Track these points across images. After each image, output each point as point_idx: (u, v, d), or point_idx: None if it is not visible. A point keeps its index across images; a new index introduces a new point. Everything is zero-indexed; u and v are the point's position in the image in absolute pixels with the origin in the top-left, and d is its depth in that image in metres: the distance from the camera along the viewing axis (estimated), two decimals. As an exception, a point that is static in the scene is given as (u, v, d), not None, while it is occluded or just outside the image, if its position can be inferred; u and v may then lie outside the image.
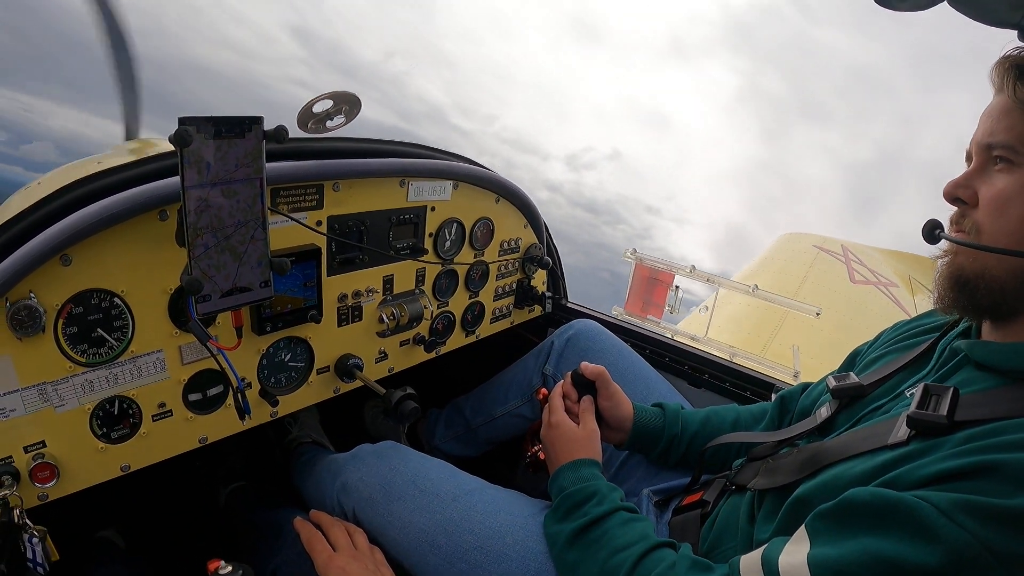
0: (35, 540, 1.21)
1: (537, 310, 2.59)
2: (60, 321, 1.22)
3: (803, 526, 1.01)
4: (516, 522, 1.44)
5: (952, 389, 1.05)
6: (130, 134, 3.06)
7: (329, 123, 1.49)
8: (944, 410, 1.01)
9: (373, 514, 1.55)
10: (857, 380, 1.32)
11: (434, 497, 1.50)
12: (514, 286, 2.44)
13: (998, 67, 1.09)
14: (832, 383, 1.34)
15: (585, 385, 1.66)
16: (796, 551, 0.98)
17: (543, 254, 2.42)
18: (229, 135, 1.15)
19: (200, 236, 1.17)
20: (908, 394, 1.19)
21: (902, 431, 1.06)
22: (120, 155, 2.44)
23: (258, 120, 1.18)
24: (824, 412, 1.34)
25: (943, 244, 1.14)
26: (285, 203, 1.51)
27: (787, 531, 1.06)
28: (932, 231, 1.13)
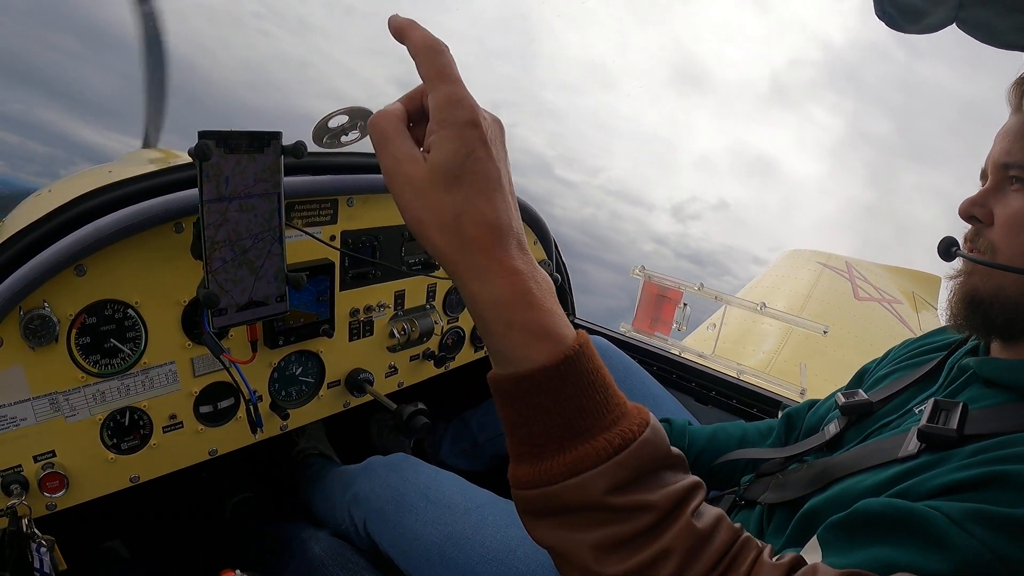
0: (43, 550, 1.21)
1: (546, 326, 2.57)
2: (73, 331, 1.23)
3: (815, 537, 1.00)
4: (527, 537, 1.44)
5: (961, 404, 1.05)
6: (148, 143, 3.08)
7: (344, 138, 1.49)
8: (954, 424, 1.02)
9: (384, 526, 1.55)
10: (866, 397, 1.32)
11: (446, 509, 1.50)
12: (524, 301, 2.42)
13: (1015, 87, 1.09)
14: (841, 400, 1.34)
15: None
16: (809, 560, 0.99)
17: (552, 270, 2.42)
18: (248, 150, 1.15)
19: (218, 250, 1.18)
20: (917, 411, 1.19)
21: (912, 444, 1.06)
22: (132, 164, 2.45)
23: (277, 135, 1.19)
24: (832, 428, 1.34)
25: (957, 263, 1.15)
26: (300, 217, 1.52)
27: (797, 543, 1.06)
28: (948, 248, 1.13)
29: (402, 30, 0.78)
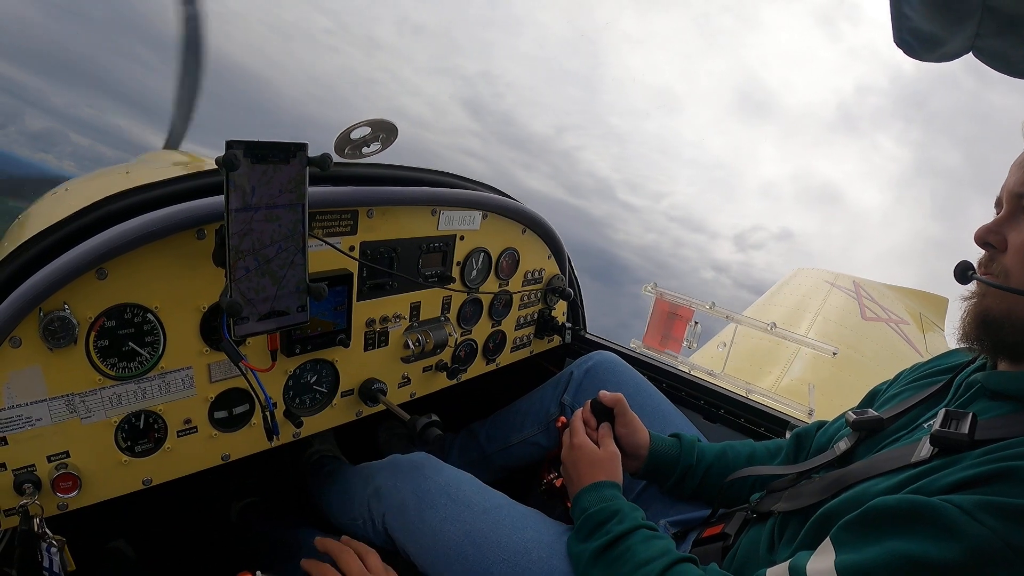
0: (53, 550, 1.22)
1: (556, 340, 2.59)
2: (92, 334, 1.23)
3: (828, 538, 1.03)
4: (542, 540, 1.46)
5: (971, 414, 1.09)
6: (171, 144, 3.10)
7: (365, 149, 1.50)
8: (965, 429, 1.06)
9: (404, 520, 1.56)
10: (877, 414, 1.35)
11: (465, 508, 1.51)
12: (535, 316, 2.44)
13: None
14: (851, 417, 1.37)
15: (604, 412, 1.69)
16: (823, 560, 1.01)
17: (565, 285, 2.43)
18: (274, 160, 1.16)
19: (242, 259, 1.18)
20: (926, 426, 1.22)
21: (925, 449, 1.10)
22: (151, 165, 2.46)
23: (303, 147, 1.20)
24: (843, 445, 1.37)
25: (971, 285, 1.19)
26: (320, 227, 1.53)
27: (810, 546, 1.08)
28: (964, 272, 1.17)
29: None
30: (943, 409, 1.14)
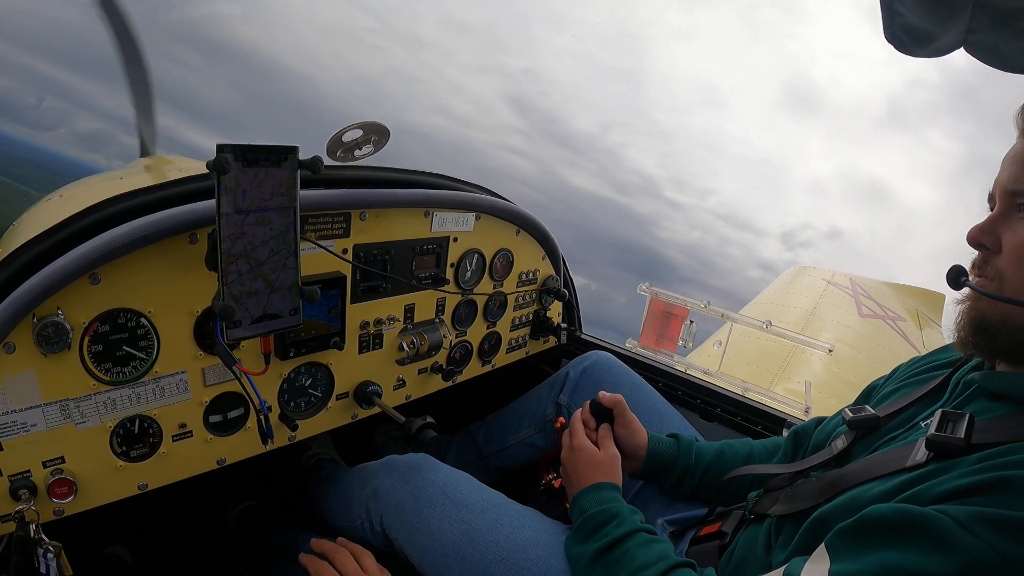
0: (50, 555, 1.22)
1: (552, 341, 2.60)
2: (86, 339, 1.24)
3: (823, 544, 1.02)
4: (540, 539, 1.46)
5: (968, 415, 1.07)
6: (145, 151, 3.08)
7: (357, 152, 1.51)
8: (961, 433, 1.04)
9: (402, 521, 1.56)
10: (873, 412, 1.34)
11: (463, 507, 1.51)
12: (530, 317, 2.45)
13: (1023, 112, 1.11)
14: (848, 415, 1.36)
15: (603, 413, 1.69)
16: (818, 568, 1.00)
17: (560, 286, 2.43)
18: (265, 164, 1.16)
19: (234, 262, 1.19)
20: (923, 424, 1.21)
21: (921, 453, 1.08)
22: (143, 171, 2.47)
23: (294, 150, 1.20)
24: (840, 443, 1.36)
25: (966, 289, 1.15)
26: (313, 230, 1.53)
27: (806, 551, 1.08)
28: (957, 278, 1.14)
29: None
30: (940, 410, 1.13)
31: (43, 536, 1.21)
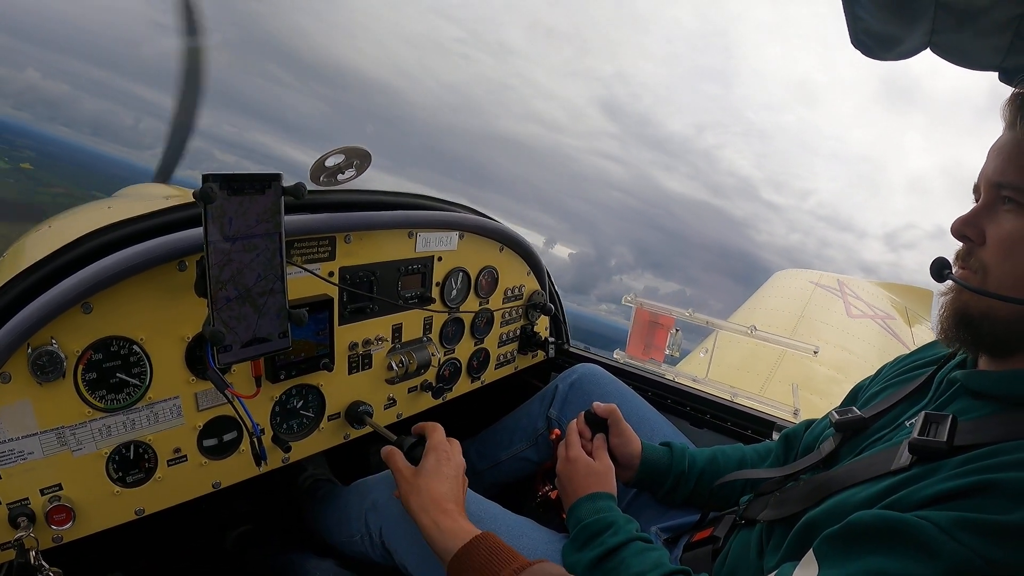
0: (50, 583, 1.23)
1: (540, 355, 2.63)
2: (80, 367, 1.26)
3: (811, 550, 1.03)
4: (537, 548, 1.48)
5: (951, 416, 1.08)
6: (161, 176, 3.11)
7: (340, 176, 1.54)
8: (944, 436, 1.05)
9: (401, 532, 1.58)
10: (859, 413, 1.35)
11: None
12: (518, 332, 2.48)
13: (1011, 103, 1.09)
14: (835, 417, 1.38)
15: (597, 423, 1.72)
16: (807, 574, 1.01)
17: (546, 300, 2.46)
18: (250, 191, 1.19)
19: (222, 288, 1.21)
20: (908, 424, 1.22)
21: (904, 457, 1.09)
22: (132, 199, 2.49)
23: (277, 177, 1.23)
24: (828, 446, 1.38)
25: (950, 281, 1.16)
26: (299, 255, 1.56)
27: (795, 556, 1.09)
28: (940, 270, 1.15)
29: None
30: (923, 412, 1.14)
31: (43, 563, 1.22)
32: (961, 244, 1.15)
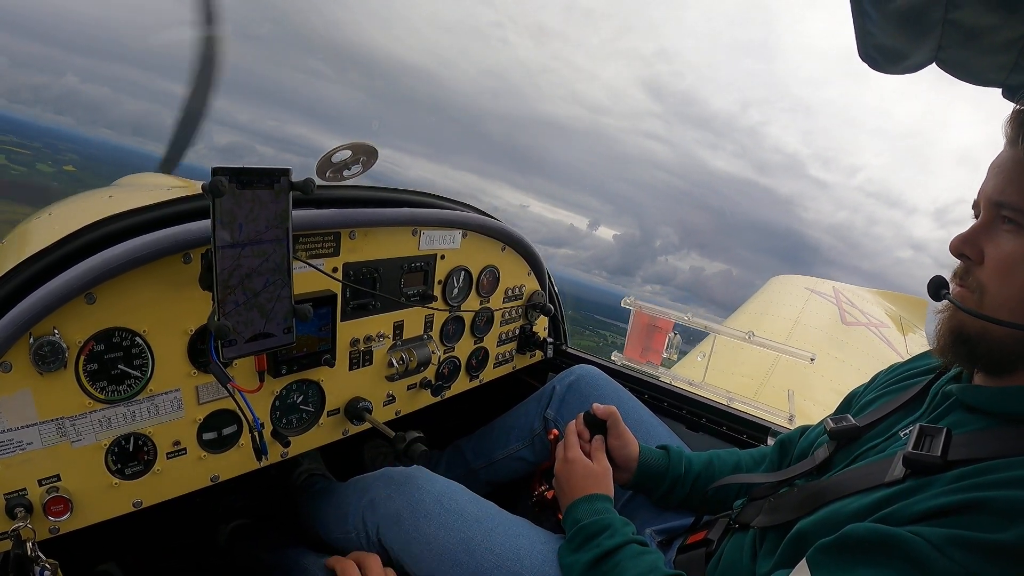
0: (47, 574, 1.22)
1: (538, 355, 2.63)
2: (82, 358, 1.25)
3: (804, 559, 1.03)
4: (533, 548, 1.50)
5: (945, 430, 1.08)
6: (165, 167, 3.08)
7: (346, 172, 1.54)
8: (938, 450, 1.05)
9: (398, 530, 1.58)
10: (853, 422, 1.36)
11: (459, 516, 1.54)
12: (517, 332, 2.48)
13: (1013, 120, 1.08)
14: (830, 425, 1.38)
15: (596, 425, 1.72)
16: None
17: (545, 301, 2.47)
18: (259, 185, 1.18)
19: (231, 293, 1.21)
20: (902, 435, 1.23)
21: (898, 469, 1.09)
22: (131, 190, 2.47)
23: (286, 171, 1.22)
24: (822, 453, 1.39)
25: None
26: (304, 250, 1.56)
27: (788, 564, 1.10)
28: (938, 290, 1.14)
29: None
30: (918, 425, 1.14)
31: (40, 554, 1.21)
32: (959, 263, 1.15)
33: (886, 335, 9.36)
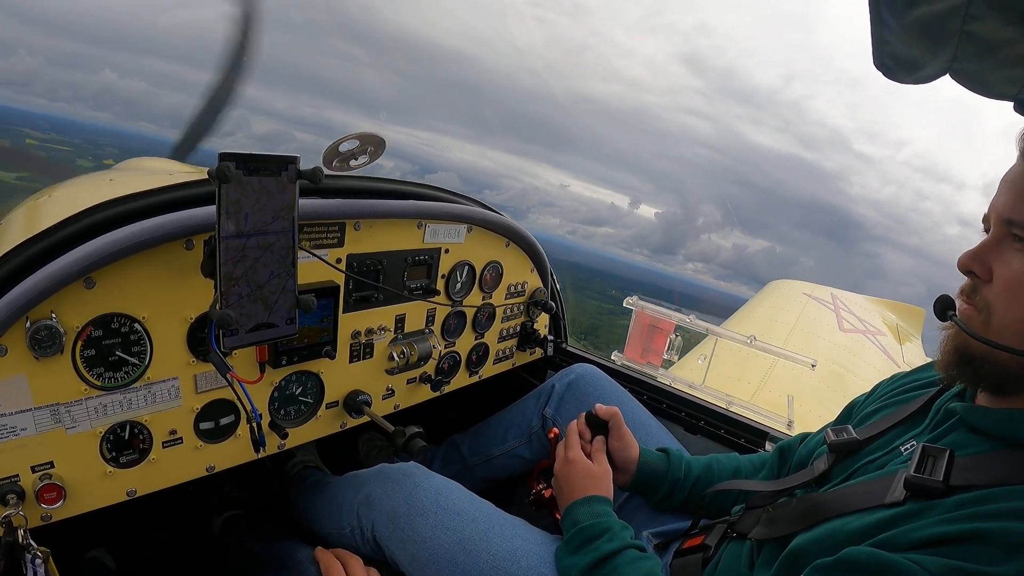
0: (38, 561, 1.20)
1: (538, 353, 2.62)
2: (79, 343, 1.23)
3: None
4: (530, 548, 1.49)
5: (948, 452, 1.07)
6: (178, 154, 3.06)
7: (353, 162, 1.52)
8: (940, 474, 1.04)
9: (394, 528, 1.57)
10: (854, 434, 1.35)
11: (455, 515, 1.53)
12: (518, 328, 2.47)
13: None
14: (830, 436, 1.37)
15: (598, 425, 1.71)
16: None
17: (547, 298, 2.45)
18: (266, 173, 1.16)
19: (235, 285, 1.19)
20: (903, 450, 1.22)
21: (899, 491, 1.07)
22: (133, 173, 2.45)
23: (294, 159, 1.20)
24: (820, 464, 1.37)
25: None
26: (308, 239, 1.54)
27: None
28: (944, 310, 1.13)
29: None
30: (920, 445, 1.12)
31: (31, 542, 1.19)
32: (967, 279, 1.13)
33: (882, 343, 9.40)
